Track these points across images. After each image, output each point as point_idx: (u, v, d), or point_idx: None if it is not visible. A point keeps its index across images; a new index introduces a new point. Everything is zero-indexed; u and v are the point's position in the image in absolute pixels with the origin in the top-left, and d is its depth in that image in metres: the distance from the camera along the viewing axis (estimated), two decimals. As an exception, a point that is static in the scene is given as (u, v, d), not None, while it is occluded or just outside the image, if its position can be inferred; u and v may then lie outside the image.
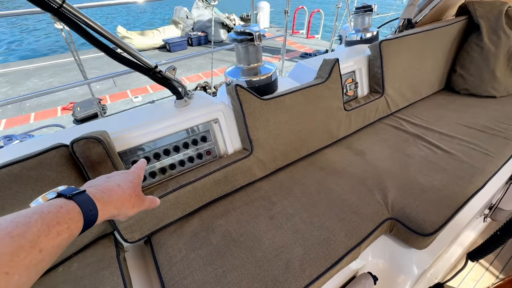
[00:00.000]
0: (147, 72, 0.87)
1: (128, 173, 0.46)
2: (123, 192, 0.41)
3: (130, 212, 0.43)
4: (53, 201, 0.32)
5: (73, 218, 0.31)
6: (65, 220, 0.30)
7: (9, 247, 0.24)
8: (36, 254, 0.26)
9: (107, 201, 0.38)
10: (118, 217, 0.42)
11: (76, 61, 1.86)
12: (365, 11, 1.65)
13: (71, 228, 0.31)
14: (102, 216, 0.36)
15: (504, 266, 1.34)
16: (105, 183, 0.41)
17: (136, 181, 0.46)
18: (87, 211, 0.33)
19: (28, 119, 3.32)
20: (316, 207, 0.95)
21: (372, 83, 1.45)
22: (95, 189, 0.38)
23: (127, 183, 0.43)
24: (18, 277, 0.24)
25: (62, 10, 0.68)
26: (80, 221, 0.32)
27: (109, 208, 0.38)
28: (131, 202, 0.42)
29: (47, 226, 0.28)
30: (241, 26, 1.06)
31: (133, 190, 0.43)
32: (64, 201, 0.33)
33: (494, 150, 1.16)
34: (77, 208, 0.32)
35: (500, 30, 1.55)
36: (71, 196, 0.33)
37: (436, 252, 0.93)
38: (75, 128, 0.91)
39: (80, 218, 0.32)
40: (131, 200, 0.42)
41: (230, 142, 1.06)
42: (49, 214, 0.29)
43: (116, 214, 0.40)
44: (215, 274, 0.75)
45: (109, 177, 0.43)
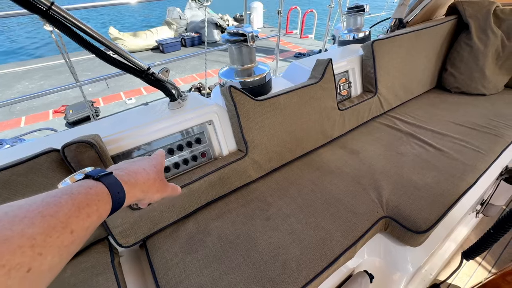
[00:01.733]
0: (140, 74, 0.86)
1: (151, 158, 0.45)
2: (148, 176, 0.40)
3: (155, 197, 0.42)
4: (82, 182, 0.31)
5: (102, 200, 0.31)
6: (94, 201, 0.29)
7: (41, 227, 0.24)
8: (68, 235, 0.26)
9: (134, 184, 0.37)
10: (143, 201, 0.41)
11: (67, 64, 1.82)
12: (357, 11, 1.67)
13: (100, 210, 0.30)
14: (129, 198, 0.35)
15: (496, 261, 1.37)
16: (130, 166, 0.40)
17: (159, 167, 0.44)
18: (115, 193, 0.33)
19: (18, 123, 3.25)
20: (312, 207, 0.95)
21: (365, 82, 1.46)
22: (121, 171, 0.37)
23: (151, 168, 0.42)
24: (51, 257, 0.24)
25: (51, 12, 0.67)
26: (108, 204, 0.32)
27: (136, 191, 0.37)
28: (156, 187, 0.41)
29: (77, 207, 0.27)
30: (234, 27, 1.06)
31: (157, 175, 0.42)
32: (92, 182, 0.32)
33: (484, 147, 1.18)
34: (105, 190, 0.32)
35: (488, 29, 1.59)
36: (99, 177, 0.33)
37: (430, 249, 0.95)
38: (67, 132, 0.90)
39: (109, 200, 0.32)
40: (155, 184, 0.41)
41: (225, 144, 1.05)
42: (79, 195, 0.28)
43: (142, 198, 0.39)
44: (211, 277, 0.75)
45: (134, 161, 0.42)
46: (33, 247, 0.22)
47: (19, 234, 0.22)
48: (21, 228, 0.22)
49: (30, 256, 0.22)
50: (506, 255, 1.39)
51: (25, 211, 0.24)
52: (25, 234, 0.22)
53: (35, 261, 0.22)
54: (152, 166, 0.43)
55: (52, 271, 0.24)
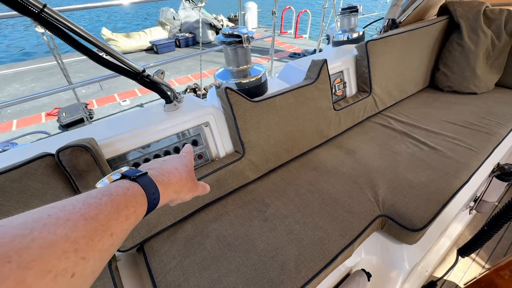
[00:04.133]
0: (135, 76, 0.86)
1: (182, 157, 0.44)
2: (181, 176, 0.40)
3: (187, 197, 0.41)
4: (120, 183, 0.31)
5: (139, 201, 0.31)
6: (132, 203, 0.29)
7: (84, 231, 0.23)
8: (108, 238, 0.25)
9: (167, 184, 0.37)
10: (176, 202, 0.40)
11: (60, 66, 1.80)
12: (351, 12, 1.68)
13: (137, 212, 0.30)
14: (163, 199, 0.35)
15: (489, 256, 1.40)
16: (163, 166, 0.39)
17: (190, 165, 0.44)
18: (150, 194, 0.33)
19: (10, 127, 3.19)
20: (309, 207, 0.95)
21: (359, 82, 1.48)
22: (155, 171, 0.37)
23: (183, 167, 0.41)
24: (93, 261, 0.23)
25: (43, 15, 0.66)
26: (144, 205, 0.32)
27: (169, 192, 0.37)
28: (188, 186, 0.41)
29: (116, 209, 0.27)
30: (229, 28, 1.06)
31: (189, 174, 0.42)
32: (129, 183, 0.32)
33: (477, 145, 1.20)
34: (141, 191, 0.32)
35: (479, 29, 1.62)
36: (135, 177, 0.32)
37: (426, 246, 0.96)
38: (60, 135, 0.88)
39: (145, 202, 0.32)
40: (187, 184, 0.41)
41: (221, 145, 1.05)
42: (117, 197, 0.28)
43: (175, 199, 0.39)
44: (210, 279, 0.75)
45: (164, 160, 0.42)
46: (77, 251, 0.22)
47: (64, 239, 0.22)
48: (65, 232, 0.22)
49: (74, 261, 0.22)
50: (499, 250, 1.42)
51: (68, 213, 0.24)
52: (69, 238, 0.22)
53: (78, 266, 0.22)
54: (184, 165, 0.42)
55: (94, 274, 0.24)
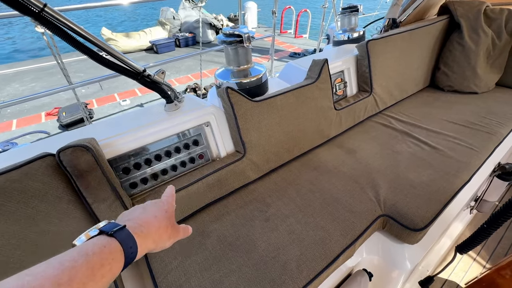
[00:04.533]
0: (135, 76, 0.85)
1: (162, 203, 0.44)
2: (160, 224, 0.40)
3: (167, 244, 0.42)
4: (97, 240, 0.32)
5: (115, 258, 0.31)
6: (108, 261, 0.30)
7: None
8: None
9: (146, 235, 0.37)
10: (155, 250, 0.40)
11: (60, 65, 1.79)
12: (351, 12, 1.68)
13: (113, 269, 0.31)
14: (141, 252, 0.36)
15: (490, 256, 1.40)
16: (142, 215, 0.40)
17: (171, 211, 0.44)
18: (127, 248, 0.33)
19: (10, 126, 3.18)
20: (310, 207, 0.95)
21: (360, 82, 1.48)
22: (134, 222, 0.37)
23: (162, 214, 0.42)
24: None
25: (44, 14, 0.66)
26: (121, 261, 0.32)
27: (148, 243, 0.37)
28: (168, 234, 0.41)
29: (92, 270, 0.28)
30: (229, 28, 1.06)
31: (168, 221, 0.42)
32: (106, 239, 0.32)
33: (478, 145, 1.20)
34: (119, 247, 0.32)
35: (479, 28, 1.62)
36: (113, 233, 0.33)
37: (427, 246, 0.96)
38: (61, 135, 0.88)
39: (122, 258, 0.32)
40: (167, 231, 0.41)
41: (222, 145, 1.05)
42: (93, 256, 0.29)
43: (154, 248, 0.39)
44: (212, 279, 0.75)
45: (144, 208, 0.42)
46: None
47: None
48: None
49: None
50: (500, 250, 1.42)
51: (42, 279, 0.24)
52: None
53: None
54: (164, 211, 0.42)
55: None
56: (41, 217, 0.68)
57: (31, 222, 0.67)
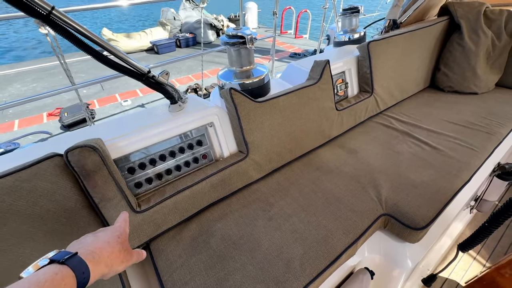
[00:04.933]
0: (140, 77, 0.86)
1: (115, 229, 0.46)
2: (113, 249, 0.42)
3: (120, 268, 0.43)
4: (48, 268, 0.32)
5: (67, 283, 0.32)
6: (60, 286, 0.31)
7: None
8: None
9: (98, 261, 0.38)
10: (108, 275, 0.41)
11: (63, 66, 1.81)
12: (352, 13, 1.69)
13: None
14: (93, 277, 0.37)
15: (490, 255, 1.41)
16: (93, 243, 0.41)
17: (123, 236, 0.46)
18: (80, 274, 0.34)
19: (12, 127, 3.19)
20: (313, 206, 0.97)
21: (361, 83, 1.49)
22: (85, 250, 0.38)
23: (115, 239, 0.43)
24: None
25: (52, 17, 0.67)
26: (73, 286, 0.33)
27: (100, 268, 0.38)
28: (120, 258, 0.43)
29: None
30: (232, 29, 1.07)
31: (121, 246, 0.44)
32: (58, 267, 0.33)
33: (478, 145, 1.21)
34: (70, 273, 0.33)
35: (479, 29, 1.63)
36: (64, 260, 0.34)
37: (428, 245, 0.97)
38: (65, 136, 0.89)
39: (74, 283, 0.33)
40: (120, 256, 0.42)
41: (225, 145, 1.06)
42: (45, 283, 0.30)
43: (107, 273, 0.40)
44: (216, 277, 0.76)
45: (96, 235, 0.43)
46: None
47: None
48: None
49: None
50: (500, 249, 1.43)
51: None
52: None
53: None
54: (116, 237, 0.44)
55: None
56: (50, 216, 0.69)
57: (39, 221, 0.68)
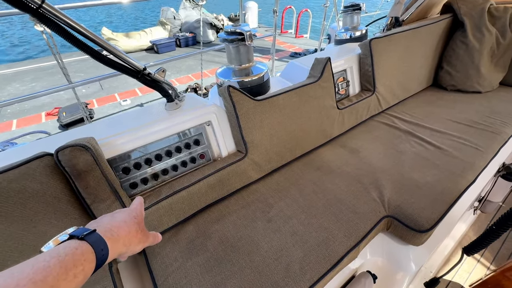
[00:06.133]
0: (135, 74, 0.84)
1: (131, 210, 0.47)
2: (130, 229, 0.42)
3: (137, 248, 0.43)
4: (68, 243, 0.33)
5: (87, 259, 0.32)
6: (80, 261, 0.31)
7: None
8: None
9: (116, 239, 0.39)
10: (126, 254, 0.42)
11: (59, 65, 1.78)
12: (353, 10, 1.66)
13: (85, 269, 0.32)
14: (112, 254, 0.37)
15: (494, 257, 1.38)
16: (111, 221, 0.41)
17: (140, 217, 0.46)
18: (99, 250, 0.34)
19: (10, 126, 3.17)
20: (313, 208, 0.94)
21: (363, 81, 1.46)
22: (103, 227, 0.39)
23: (131, 219, 0.44)
24: None
25: (42, 11, 0.64)
26: (93, 262, 0.33)
27: (118, 246, 0.39)
28: (138, 238, 0.43)
29: (65, 270, 0.29)
30: (231, 26, 1.04)
31: (138, 226, 0.44)
32: (78, 242, 0.33)
33: (483, 145, 1.18)
34: (90, 249, 0.33)
35: (483, 27, 1.60)
36: (83, 236, 0.34)
37: (432, 247, 0.94)
38: (60, 135, 0.87)
39: (93, 259, 0.33)
40: (137, 235, 0.43)
41: (224, 145, 1.03)
42: (66, 257, 0.30)
43: (124, 251, 0.41)
44: (213, 281, 0.73)
45: (113, 215, 0.43)
46: None
47: None
48: None
49: None
50: (504, 251, 1.40)
51: (16, 279, 0.26)
52: None
53: None
54: (133, 217, 0.44)
55: None
56: (39, 218, 0.66)
57: (29, 223, 0.65)
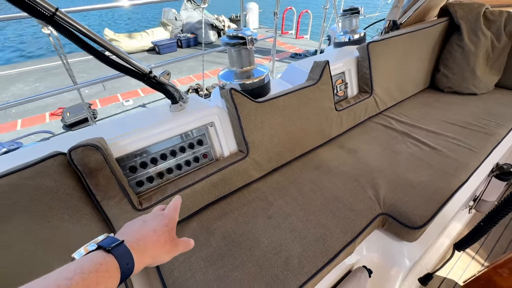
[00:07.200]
0: (142, 77, 0.88)
1: (164, 216, 0.45)
2: (158, 239, 0.40)
3: (165, 259, 0.41)
4: (94, 256, 0.32)
5: (111, 276, 0.32)
6: (103, 279, 0.30)
7: None
8: None
9: (143, 250, 0.37)
10: (153, 265, 0.40)
11: (65, 66, 1.83)
12: (352, 14, 1.70)
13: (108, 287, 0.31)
14: (137, 269, 0.36)
15: (488, 255, 1.41)
16: (141, 229, 0.40)
17: (171, 225, 0.44)
18: (124, 265, 0.33)
19: (14, 126, 3.22)
20: (312, 205, 0.98)
21: (361, 83, 1.50)
22: (132, 236, 0.38)
23: (162, 228, 0.42)
24: None
25: (56, 18, 0.68)
26: (117, 279, 0.32)
27: (145, 258, 0.37)
28: (166, 248, 0.41)
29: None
30: (233, 30, 1.08)
31: (168, 235, 0.42)
32: (103, 256, 0.33)
33: (476, 145, 1.22)
34: (115, 264, 0.32)
35: (479, 31, 1.64)
36: (110, 249, 0.34)
37: (426, 244, 0.98)
38: (69, 135, 0.91)
39: (117, 276, 0.32)
40: (165, 246, 0.41)
41: (226, 145, 1.08)
42: (89, 274, 0.30)
43: (150, 263, 0.39)
44: (216, 274, 0.77)
45: (144, 221, 0.42)
46: None
47: None
48: None
49: None
50: (498, 249, 1.44)
51: None
52: None
53: None
54: (164, 225, 0.42)
55: None
56: (53, 214, 0.71)
57: (43, 218, 0.69)
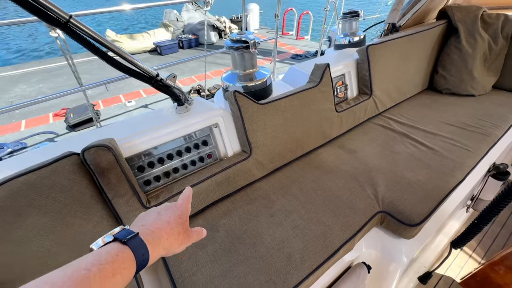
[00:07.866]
0: (149, 80, 0.92)
1: (177, 207, 0.45)
2: (172, 231, 0.41)
3: (178, 250, 0.42)
4: (110, 248, 0.33)
5: (127, 267, 0.33)
6: (120, 270, 0.32)
7: None
8: None
9: (157, 243, 0.38)
10: (167, 255, 0.42)
11: (71, 68, 1.86)
12: (352, 17, 1.74)
13: (124, 278, 0.32)
14: (152, 259, 0.36)
15: (485, 252, 1.45)
16: (155, 221, 0.41)
17: (185, 216, 0.45)
18: (139, 256, 0.34)
19: (18, 127, 3.26)
20: (313, 204, 1.01)
21: (360, 85, 1.53)
22: (146, 228, 0.39)
23: (176, 219, 0.42)
24: None
25: (70, 25, 0.72)
26: (132, 269, 0.33)
27: (159, 250, 0.38)
28: (179, 240, 0.42)
29: (104, 279, 0.30)
30: (236, 34, 1.12)
31: (181, 227, 0.43)
32: (120, 247, 0.34)
33: (473, 146, 1.26)
34: (131, 256, 0.33)
35: (476, 33, 1.67)
36: (126, 240, 0.35)
37: (423, 241, 1.02)
38: (79, 136, 0.95)
39: (133, 266, 0.33)
40: (179, 237, 0.42)
41: (229, 145, 1.11)
42: (106, 265, 0.31)
43: (165, 254, 0.40)
44: (222, 269, 0.81)
45: (159, 213, 0.43)
46: None
47: None
48: None
49: None
50: (495, 247, 1.47)
51: None
52: None
53: None
54: (177, 217, 0.43)
55: None
56: (67, 211, 0.74)
57: (58, 215, 0.73)
